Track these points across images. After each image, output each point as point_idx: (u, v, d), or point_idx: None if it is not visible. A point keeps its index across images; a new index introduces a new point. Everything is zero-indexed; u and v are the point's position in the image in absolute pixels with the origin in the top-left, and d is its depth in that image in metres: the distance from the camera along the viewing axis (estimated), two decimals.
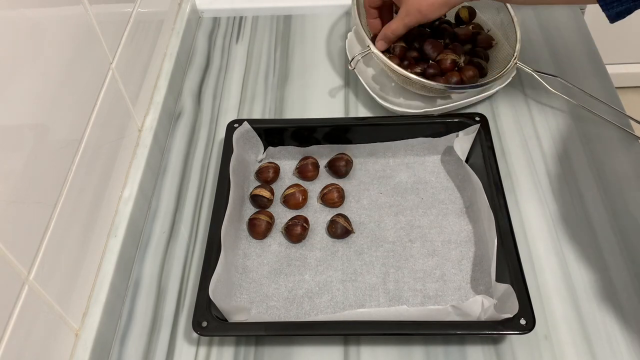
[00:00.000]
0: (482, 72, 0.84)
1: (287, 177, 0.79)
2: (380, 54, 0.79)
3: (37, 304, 0.54)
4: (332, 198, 0.74)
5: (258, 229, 0.71)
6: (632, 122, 0.82)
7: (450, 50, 0.84)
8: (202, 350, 0.65)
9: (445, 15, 0.92)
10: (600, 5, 0.63)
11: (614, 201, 0.74)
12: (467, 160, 0.76)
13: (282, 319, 0.65)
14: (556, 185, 0.77)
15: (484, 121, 0.77)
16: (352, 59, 0.81)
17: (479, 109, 0.85)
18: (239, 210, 0.73)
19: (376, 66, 0.89)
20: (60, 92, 0.58)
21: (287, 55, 0.96)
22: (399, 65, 0.80)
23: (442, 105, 0.83)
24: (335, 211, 0.74)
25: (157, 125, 0.81)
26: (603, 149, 0.80)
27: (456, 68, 0.83)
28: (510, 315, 0.60)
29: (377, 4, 0.82)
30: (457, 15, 0.91)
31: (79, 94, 0.62)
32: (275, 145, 0.80)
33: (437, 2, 0.75)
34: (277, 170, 0.78)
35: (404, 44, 0.85)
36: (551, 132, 0.82)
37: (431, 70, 0.82)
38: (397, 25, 0.80)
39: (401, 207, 0.74)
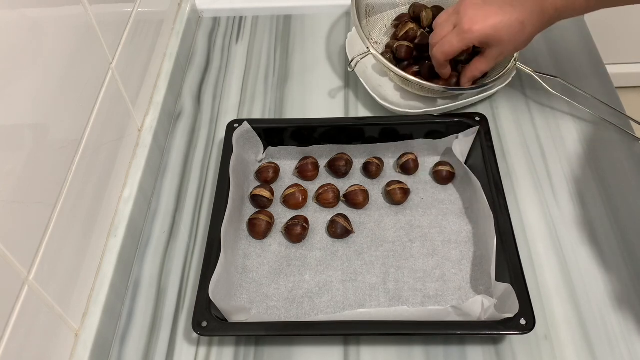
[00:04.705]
0: None
1: (287, 177, 0.79)
2: (380, 56, 0.79)
3: (37, 304, 0.54)
4: (327, 198, 0.74)
5: (258, 229, 0.71)
6: (631, 122, 0.82)
7: None
8: (202, 350, 0.65)
9: None
10: None
11: (614, 201, 0.74)
12: (467, 160, 0.77)
13: (282, 319, 0.65)
14: (556, 185, 0.77)
15: (484, 121, 0.77)
16: (352, 61, 0.81)
17: (479, 109, 0.85)
18: (239, 210, 0.73)
19: (376, 66, 0.89)
20: (60, 92, 0.58)
21: (287, 55, 0.96)
22: (397, 66, 0.80)
23: (442, 106, 0.83)
24: (335, 211, 0.74)
25: (157, 125, 0.81)
26: (603, 149, 0.80)
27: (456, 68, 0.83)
28: (510, 315, 0.60)
29: (455, 54, 0.74)
30: None
31: (78, 94, 0.62)
32: (275, 145, 0.80)
33: (531, 37, 0.72)
34: (277, 170, 0.78)
35: (409, 44, 0.85)
36: (551, 132, 0.82)
37: (426, 71, 0.82)
38: (487, 66, 0.76)
39: (401, 207, 0.74)
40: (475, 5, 0.71)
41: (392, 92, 0.87)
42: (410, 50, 0.85)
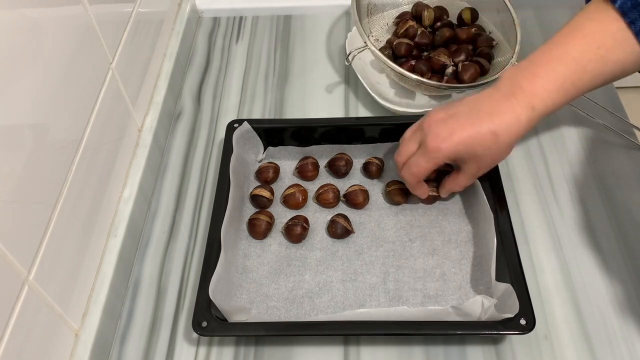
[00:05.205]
0: (484, 71, 0.84)
1: (287, 177, 0.79)
2: (377, 50, 0.79)
3: (37, 304, 0.54)
4: (327, 198, 0.74)
5: (258, 229, 0.71)
6: (630, 120, 0.82)
7: (447, 50, 0.84)
8: (202, 350, 0.65)
9: (447, 16, 0.92)
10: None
11: (613, 201, 0.74)
12: None
13: (282, 319, 0.65)
14: (556, 185, 0.77)
15: None
16: (349, 54, 0.81)
17: None
18: (239, 210, 0.73)
19: (375, 63, 0.89)
20: (60, 92, 0.58)
21: (287, 55, 0.96)
22: (395, 62, 0.80)
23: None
24: (335, 211, 0.74)
25: (157, 125, 0.81)
26: (604, 149, 0.80)
27: (453, 68, 0.83)
28: (510, 315, 0.60)
29: (425, 175, 0.68)
30: (460, 17, 0.91)
31: (78, 94, 0.62)
32: (275, 145, 0.80)
33: (509, 146, 0.63)
34: (277, 170, 0.78)
35: (409, 41, 0.85)
36: (551, 132, 0.82)
37: (421, 66, 0.82)
38: (467, 181, 0.68)
39: (401, 207, 0.74)
40: (439, 121, 0.64)
41: (392, 92, 0.87)
42: (410, 48, 0.85)
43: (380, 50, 0.82)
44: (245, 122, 0.77)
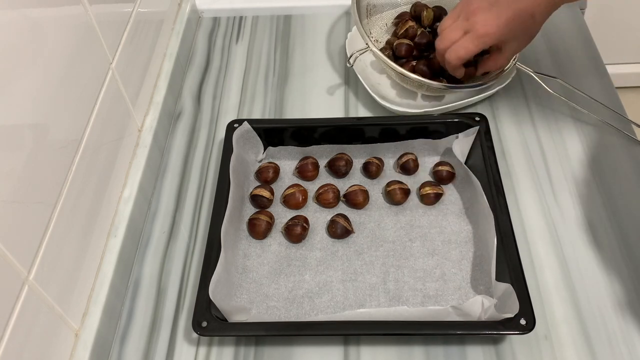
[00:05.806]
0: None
1: (287, 177, 0.79)
2: (378, 51, 0.79)
3: (37, 304, 0.54)
4: (327, 198, 0.74)
5: (258, 229, 0.71)
6: (629, 118, 0.82)
7: None
8: (202, 350, 0.65)
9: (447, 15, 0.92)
10: None
11: (613, 200, 0.74)
12: (467, 160, 0.76)
13: (282, 319, 0.65)
14: (556, 185, 0.77)
15: (484, 121, 0.77)
16: (351, 56, 0.81)
17: (479, 109, 0.85)
18: (239, 210, 0.73)
19: (375, 64, 0.89)
20: (60, 92, 0.58)
21: (287, 55, 0.96)
22: (396, 63, 0.80)
23: (442, 105, 0.83)
24: (335, 211, 0.74)
25: (157, 125, 0.81)
26: (603, 149, 0.80)
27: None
28: (510, 315, 0.60)
29: (470, 58, 0.75)
30: None
31: (78, 94, 0.62)
32: (275, 145, 0.80)
33: (541, 25, 0.73)
34: (277, 170, 0.78)
35: (409, 42, 0.85)
36: (551, 132, 0.82)
37: (421, 67, 0.82)
38: (506, 61, 0.79)
39: (401, 207, 0.74)
40: (484, 9, 0.71)
41: (392, 92, 0.87)
42: (410, 48, 0.85)
43: (381, 51, 0.82)
44: (245, 122, 0.77)
